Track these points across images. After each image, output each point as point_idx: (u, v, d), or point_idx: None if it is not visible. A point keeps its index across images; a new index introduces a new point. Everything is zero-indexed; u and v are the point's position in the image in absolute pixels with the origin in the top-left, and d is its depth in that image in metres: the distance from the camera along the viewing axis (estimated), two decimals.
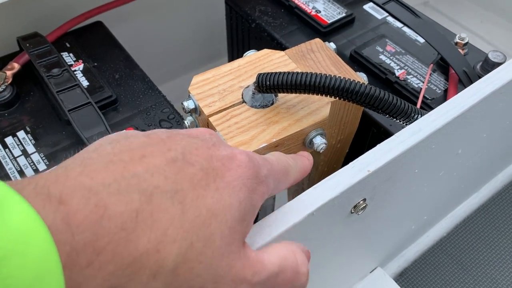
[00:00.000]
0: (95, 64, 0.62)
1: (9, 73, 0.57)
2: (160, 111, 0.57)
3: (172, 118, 0.57)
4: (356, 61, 0.62)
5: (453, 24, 1.10)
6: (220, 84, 0.49)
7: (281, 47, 0.65)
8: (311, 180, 0.60)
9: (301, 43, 0.54)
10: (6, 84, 0.57)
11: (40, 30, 0.62)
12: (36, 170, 0.51)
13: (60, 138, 0.54)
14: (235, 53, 0.80)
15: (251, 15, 0.69)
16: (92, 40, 0.66)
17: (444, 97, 0.57)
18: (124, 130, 0.53)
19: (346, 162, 0.59)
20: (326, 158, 0.55)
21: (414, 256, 0.70)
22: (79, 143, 0.53)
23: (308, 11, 0.68)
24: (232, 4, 0.72)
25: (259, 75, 0.44)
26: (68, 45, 0.64)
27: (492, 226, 0.74)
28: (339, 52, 0.63)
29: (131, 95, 0.59)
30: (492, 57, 0.57)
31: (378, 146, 0.37)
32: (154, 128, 0.55)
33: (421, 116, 0.42)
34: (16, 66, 0.58)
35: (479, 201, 0.75)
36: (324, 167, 0.57)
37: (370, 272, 0.64)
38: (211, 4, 0.91)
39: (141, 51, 0.77)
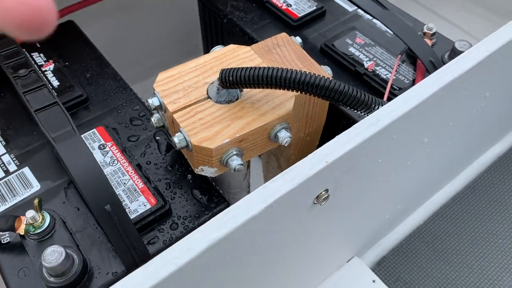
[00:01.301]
0: (66, 63, 0.62)
1: None
2: (131, 109, 0.57)
3: (142, 116, 0.57)
4: (326, 53, 0.62)
5: (430, 14, 1.11)
6: (186, 80, 0.49)
7: (253, 41, 0.66)
8: None
9: None
10: None
11: None
12: (6, 171, 0.51)
13: (31, 139, 0.54)
14: (210, 48, 0.80)
15: (223, 10, 0.70)
16: (63, 39, 0.65)
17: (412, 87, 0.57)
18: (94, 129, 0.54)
19: None
20: (296, 151, 0.56)
21: (391, 245, 0.71)
22: (50, 144, 0.54)
23: (279, 5, 0.68)
24: (204, 0, 0.72)
25: (222, 70, 0.45)
26: (38, 45, 0.63)
27: (468, 213, 0.75)
28: (310, 45, 0.64)
29: (102, 94, 0.59)
30: (459, 46, 0.58)
31: (336, 137, 0.38)
32: (125, 126, 0.56)
33: (380, 106, 0.42)
34: None
35: (455, 189, 0.76)
36: (295, 159, 0.58)
37: (347, 262, 0.64)
38: (188, 1, 0.91)
39: (115, 50, 0.77)
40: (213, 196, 0.50)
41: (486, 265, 0.69)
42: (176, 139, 0.44)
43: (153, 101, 0.47)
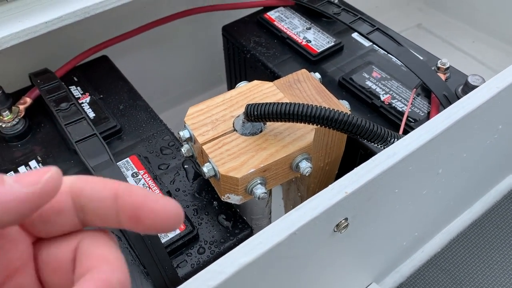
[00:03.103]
0: (101, 96, 0.67)
1: (21, 107, 0.62)
2: (161, 139, 0.61)
3: (172, 145, 0.61)
4: (344, 87, 0.66)
5: (446, 45, 1.14)
6: (213, 114, 0.53)
7: (274, 75, 0.70)
8: (304, 199, 0.63)
9: (292, 72, 0.58)
10: (19, 117, 0.62)
11: (49, 65, 0.67)
12: None
13: (68, 166, 0.59)
14: (233, 80, 0.84)
15: (246, 46, 0.74)
16: (98, 73, 0.71)
17: (427, 119, 0.60)
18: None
19: None
20: (316, 180, 0.59)
21: (409, 272, 0.72)
22: (85, 171, 0.58)
23: (299, 41, 0.72)
24: (229, 36, 0.77)
25: (248, 105, 0.48)
26: (75, 79, 0.69)
27: (485, 241, 0.76)
28: (328, 79, 0.67)
29: (134, 125, 0.63)
30: (472, 80, 0.60)
31: (355, 169, 0.41)
32: (155, 155, 0.59)
33: (397, 140, 0.45)
34: (28, 100, 0.63)
35: (472, 217, 0.77)
36: (315, 188, 0.60)
37: None
38: (211, 35, 0.96)
39: (144, 81, 0.82)
40: (237, 222, 0.53)
41: None
42: (205, 169, 0.48)
43: (184, 133, 0.51)
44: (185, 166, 0.58)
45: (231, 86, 0.87)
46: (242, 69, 0.78)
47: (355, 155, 0.61)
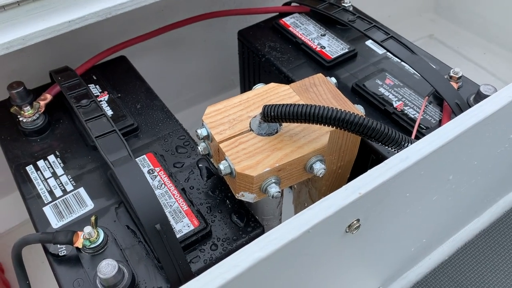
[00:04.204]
0: (119, 95, 0.68)
1: (42, 103, 0.64)
2: (176, 138, 0.63)
3: (187, 144, 0.62)
4: (357, 93, 0.67)
5: (457, 56, 1.15)
6: (231, 114, 0.54)
7: (288, 79, 0.71)
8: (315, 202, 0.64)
9: (306, 77, 0.60)
10: (40, 113, 0.63)
11: (68, 64, 0.69)
12: (64, 191, 0.57)
13: (86, 161, 0.60)
14: (246, 84, 0.86)
15: (261, 50, 0.75)
16: (116, 73, 0.72)
17: (439, 127, 0.61)
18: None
19: None
20: (328, 183, 0.60)
21: (416, 278, 0.73)
22: (103, 167, 0.59)
23: (314, 47, 0.73)
24: (244, 40, 0.79)
25: (265, 106, 0.49)
26: (94, 77, 0.70)
27: (492, 251, 0.76)
28: (342, 84, 0.68)
29: (151, 123, 0.65)
30: (484, 90, 0.61)
31: (368, 171, 0.42)
32: (171, 153, 0.61)
33: (410, 145, 0.46)
34: (48, 97, 0.65)
35: (480, 226, 0.78)
36: (326, 191, 0.61)
37: None
38: (225, 39, 0.98)
39: (158, 82, 0.83)
40: (250, 221, 0.54)
41: None
42: (222, 166, 0.49)
43: (201, 132, 0.52)
44: (200, 165, 0.59)
45: (244, 89, 0.88)
46: (256, 73, 0.79)
47: (366, 160, 0.62)
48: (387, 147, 0.48)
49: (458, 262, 0.76)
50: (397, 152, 0.48)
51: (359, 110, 0.55)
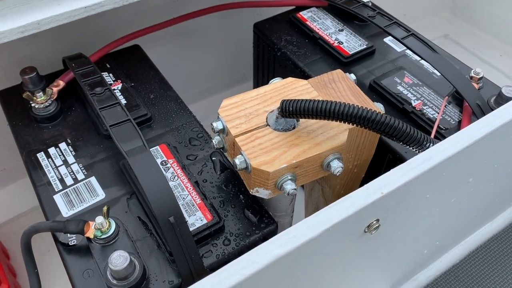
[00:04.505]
0: (132, 84, 0.67)
1: (55, 89, 0.63)
2: (190, 130, 0.62)
3: (200, 137, 0.61)
4: (375, 90, 0.65)
5: (473, 57, 1.13)
6: (247, 107, 0.53)
7: (304, 74, 0.70)
8: (328, 201, 0.63)
9: (323, 72, 0.58)
10: (52, 99, 0.62)
11: (80, 51, 0.68)
12: (75, 179, 0.56)
13: (98, 150, 0.59)
14: (260, 78, 0.84)
15: (277, 44, 0.74)
16: (129, 62, 0.71)
17: (458, 128, 0.60)
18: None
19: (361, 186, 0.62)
20: (342, 182, 0.59)
21: (426, 281, 0.72)
22: (115, 156, 0.58)
23: (331, 42, 0.72)
24: (260, 33, 0.77)
25: (283, 101, 0.48)
26: (108, 65, 0.69)
27: (505, 255, 0.75)
28: (359, 81, 0.67)
29: (164, 114, 0.64)
30: (506, 91, 0.60)
31: (391, 170, 0.41)
32: (184, 145, 0.60)
33: (433, 145, 0.45)
34: (61, 83, 0.64)
35: (493, 230, 0.77)
36: (340, 190, 0.60)
37: None
38: (239, 31, 0.97)
39: (170, 73, 0.82)
40: (263, 217, 0.53)
41: None
42: (237, 161, 0.48)
43: (217, 125, 0.51)
44: (213, 158, 0.58)
45: (257, 83, 0.87)
46: (271, 67, 0.78)
47: (382, 159, 0.61)
48: (408, 146, 0.47)
49: (470, 266, 0.74)
50: (419, 152, 0.47)
51: (379, 108, 0.53)
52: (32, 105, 0.62)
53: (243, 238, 0.51)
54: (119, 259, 0.44)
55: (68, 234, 0.50)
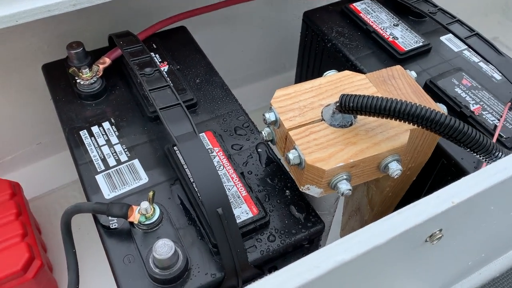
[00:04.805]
0: (178, 67, 0.65)
1: (101, 66, 0.61)
2: (235, 119, 0.60)
3: (246, 127, 0.59)
4: (430, 91, 0.62)
5: None
6: (301, 100, 0.50)
7: (355, 68, 0.67)
8: (373, 202, 0.61)
9: (375, 67, 0.55)
10: (97, 76, 0.61)
11: (125, 29, 0.66)
12: (118, 161, 0.54)
13: (141, 132, 0.58)
14: (304, 68, 0.82)
15: (327, 34, 0.71)
16: (176, 43, 0.69)
17: None
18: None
19: (409, 190, 0.60)
20: (393, 184, 0.56)
21: None
22: (159, 140, 0.57)
23: (386, 36, 0.69)
24: (310, 22, 0.74)
25: (343, 96, 0.46)
26: (154, 46, 0.67)
27: None
28: None
29: (210, 100, 0.62)
30: None
31: (463, 179, 0.38)
32: (229, 134, 0.58)
33: (504, 155, 0.42)
34: (107, 61, 0.62)
35: None
36: (389, 192, 0.58)
37: None
38: (284, 20, 0.94)
39: (211, 58, 0.80)
40: (310, 216, 0.51)
41: None
42: (291, 155, 0.46)
43: (269, 116, 0.49)
44: (259, 150, 0.56)
45: (300, 74, 0.84)
46: (318, 58, 0.75)
47: (435, 164, 0.58)
48: (474, 153, 0.44)
49: (509, 281, 0.71)
50: (486, 161, 0.44)
51: (441, 109, 0.50)
52: (78, 81, 0.60)
53: (288, 236, 0.49)
54: (164, 248, 0.43)
55: (110, 217, 0.49)
